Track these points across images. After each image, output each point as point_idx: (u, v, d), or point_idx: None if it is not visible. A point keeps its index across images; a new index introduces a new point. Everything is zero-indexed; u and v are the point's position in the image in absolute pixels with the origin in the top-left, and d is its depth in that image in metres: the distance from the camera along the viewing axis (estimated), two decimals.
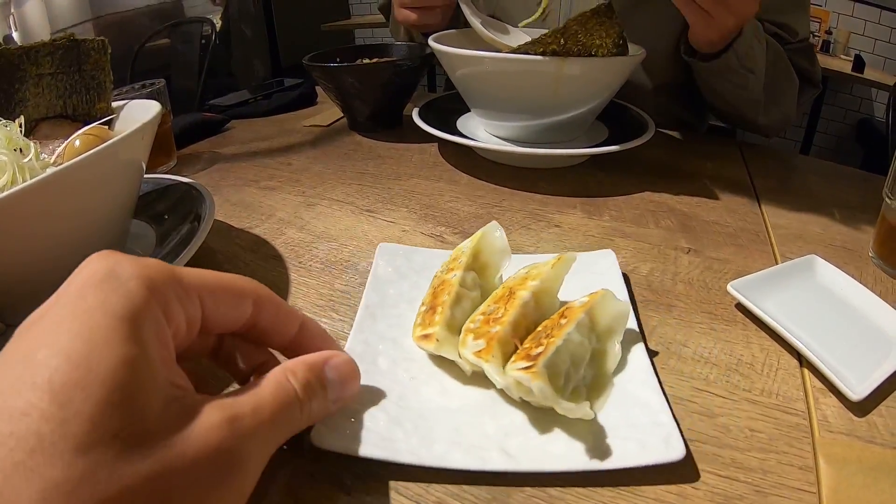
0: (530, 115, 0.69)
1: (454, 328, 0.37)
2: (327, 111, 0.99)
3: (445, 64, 0.71)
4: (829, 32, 3.22)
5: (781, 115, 0.88)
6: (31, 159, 0.46)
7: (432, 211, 0.61)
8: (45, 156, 0.51)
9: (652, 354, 0.39)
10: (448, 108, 0.80)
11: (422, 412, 0.33)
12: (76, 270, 0.24)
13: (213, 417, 0.23)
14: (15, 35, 2.57)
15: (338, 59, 0.90)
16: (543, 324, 0.36)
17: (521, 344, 0.34)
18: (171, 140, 0.80)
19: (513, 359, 0.33)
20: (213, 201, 0.54)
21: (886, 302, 0.44)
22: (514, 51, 0.61)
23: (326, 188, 0.68)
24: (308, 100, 1.09)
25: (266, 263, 0.53)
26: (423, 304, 0.40)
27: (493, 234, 0.42)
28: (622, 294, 0.42)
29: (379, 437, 0.31)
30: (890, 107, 1.24)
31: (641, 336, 0.39)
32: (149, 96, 0.74)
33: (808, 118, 3.11)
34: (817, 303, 0.46)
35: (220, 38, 3.61)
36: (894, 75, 3.14)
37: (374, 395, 0.34)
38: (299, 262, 0.52)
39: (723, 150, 0.82)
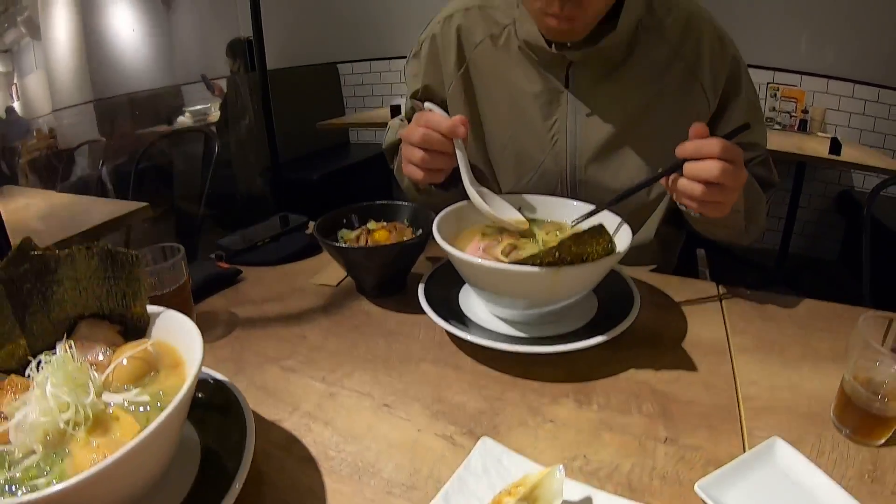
0: (528, 306, 0.76)
1: None
2: (333, 267, 1.05)
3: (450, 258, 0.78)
4: (805, 111, 3.35)
5: (758, 230, 1.01)
6: (91, 398, 0.53)
7: (442, 406, 0.68)
8: (96, 374, 0.57)
9: None
10: (450, 280, 0.87)
11: None
12: None
13: None
14: (16, 105, 2.63)
15: (344, 221, 0.98)
16: None
17: None
18: (190, 303, 0.86)
19: None
20: (252, 419, 0.59)
21: (840, 484, 0.53)
22: (514, 262, 0.69)
23: (344, 373, 0.75)
24: (314, 248, 1.15)
25: (300, 466, 0.60)
26: None
27: (555, 475, 0.50)
28: None
29: None
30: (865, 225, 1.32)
31: None
32: (173, 267, 0.81)
33: (790, 195, 3.21)
34: (777, 491, 0.54)
35: (217, 127, 3.72)
36: (871, 147, 3.27)
37: None
38: (330, 466, 0.59)
39: (704, 306, 0.90)
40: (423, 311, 0.81)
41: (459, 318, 0.81)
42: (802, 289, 3.10)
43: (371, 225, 0.98)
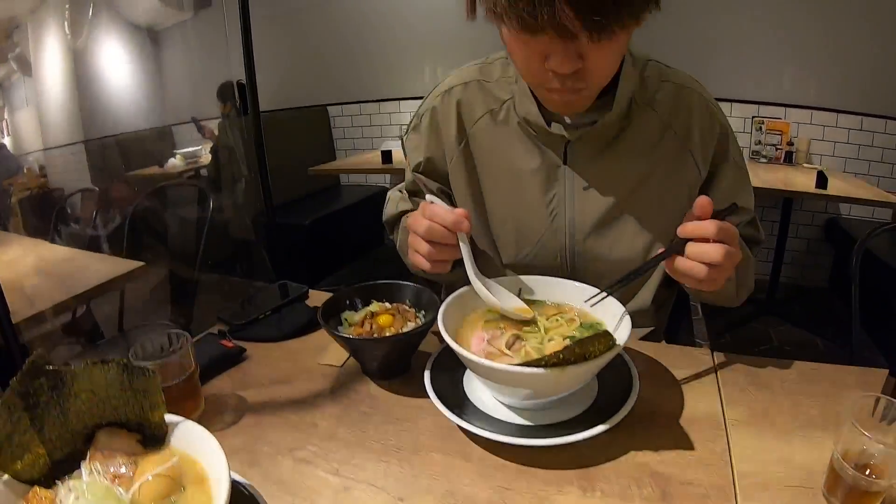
0: (532, 397, 0.80)
1: None
2: (337, 347, 1.06)
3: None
4: (790, 143, 3.40)
5: (747, 292, 1.05)
6: None
7: (454, 500, 0.71)
8: (122, 490, 0.59)
9: None
10: (454, 362, 0.89)
11: None
12: None
13: None
14: (6, 140, 2.64)
15: (347, 302, 1.01)
16: None
17: None
18: (199, 391, 0.89)
19: None
20: None
21: None
22: (520, 364, 0.72)
23: (357, 465, 0.78)
24: (316, 323, 1.13)
25: None
26: None
27: None
28: None
29: None
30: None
31: None
32: (180, 358, 0.84)
33: (778, 226, 3.27)
34: None
35: (209, 171, 3.74)
36: (857, 174, 3.33)
37: None
38: None
39: (700, 377, 0.93)
40: (428, 395, 0.84)
41: (465, 406, 0.84)
42: (794, 319, 3.17)
43: (374, 307, 1.00)
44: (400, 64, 4.28)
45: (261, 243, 3.05)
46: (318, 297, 1.27)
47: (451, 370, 0.90)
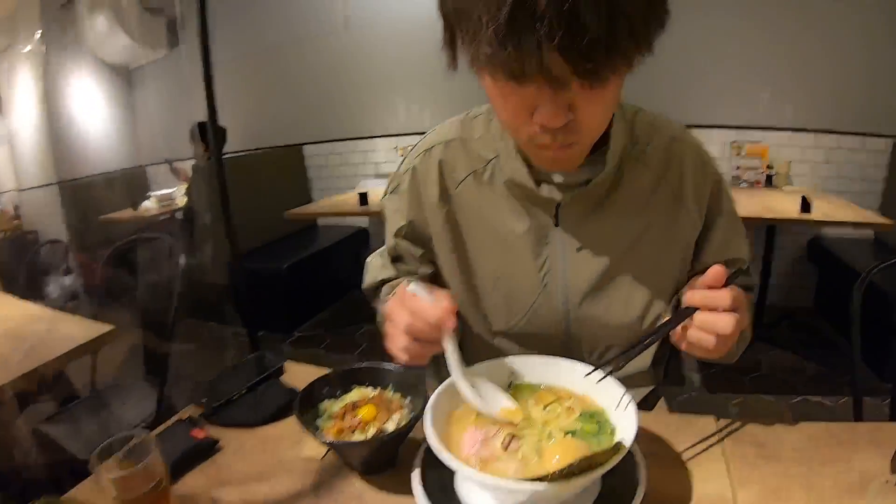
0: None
1: None
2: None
3: None
4: (770, 166, 3.41)
5: (745, 344, 0.98)
6: None
7: None
8: None
9: None
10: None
11: None
12: None
13: None
14: None
15: (326, 390, 0.94)
16: None
17: None
18: (167, 494, 0.80)
19: None
20: None
21: None
22: (524, 479, 0.65)
23: None
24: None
25: None
26: None
27: None
28: None
29: None
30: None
31: None
32: (145, 468, 0.75)
33: (762, 248, 3.26)
34: None
35: (184, 213, 3.67)
36: (837, 193, 3.33)
37: None
38: None
39: (706, 451, 0.87)
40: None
41: None
42: (782, 344, 3.14)
43: (355, 394, 0.94)
44: (375, 102, 4.28)
45: (232, 290, 2.98)
46: (294, 372, 1.20)
47: (441, 465, 0.82)
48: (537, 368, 0.89)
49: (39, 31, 2.69)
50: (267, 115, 4.48)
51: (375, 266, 1.17)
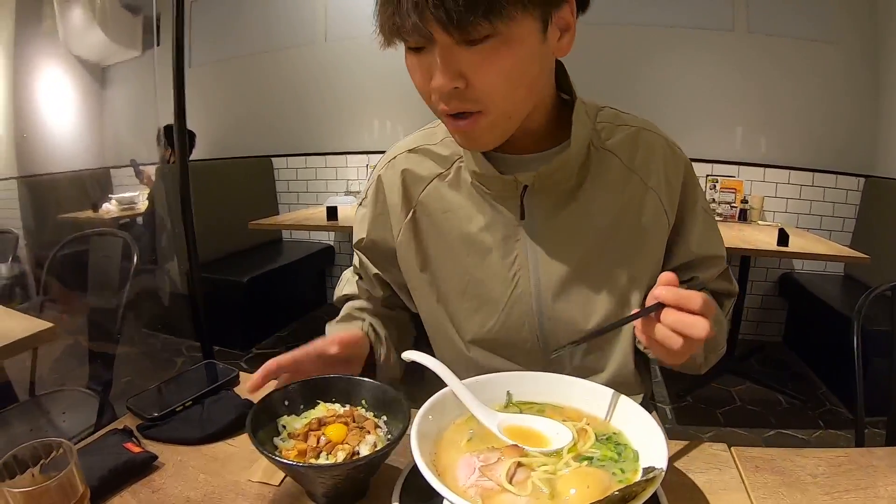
0: None
1: None
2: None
3: None
4: (744, 201, 3.42)
5: (717, 356, 0.99)
6: None
7: None
8: None
9: None
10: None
11: None
12: None
13: None
14: None
15: (286, 404, 0.81)
16: None
17: None
18: None
19: None
20: None
21: None
22: None
23: None
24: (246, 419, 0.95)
25: None
26: None
27: None
28: None
29: None
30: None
31: None
32: (61, 480, 0.61)
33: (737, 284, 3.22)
34: None
35: (144, 219, 3.52)
36: (809, 230, 3.37)
37: None
38: None
39: (725, 483, 0.78)
40: None
41: None
42: (753, 377, 3.13)
43: (321, 410, 0.81)
44: (349, 118, 4.18)
45: (187, 300, 2.85)
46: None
47: (426, 497, 0.68)
48: (538, 385, 0.78)
49: (12, 20, 2.56)
50: (238, 123, 4.35)
51: (345, 279, 1.17)
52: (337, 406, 0.82)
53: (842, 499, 0.73)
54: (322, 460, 0.71)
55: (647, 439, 0.65)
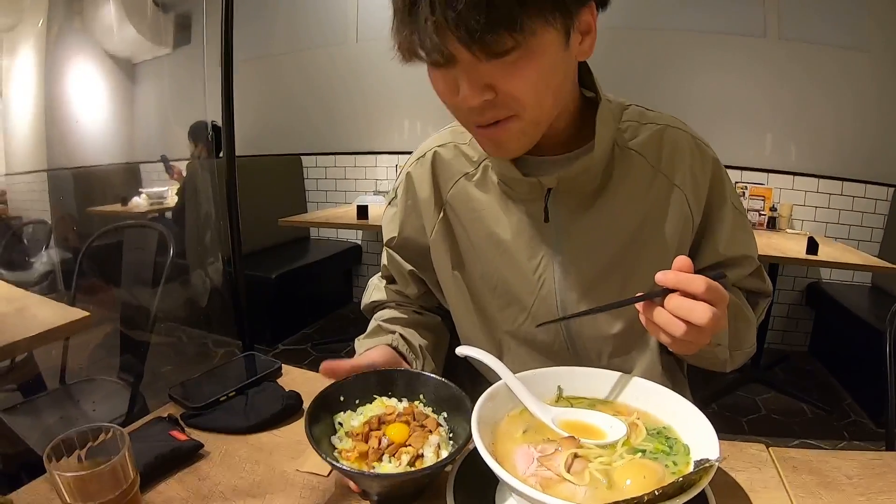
0: None
1: None
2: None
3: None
4: (773, 209, 3.39)
5: (744, 356, 0.97)
6: None
7: None
8: None
9: None
10: (482, 480, 0.70)
11: None
12: None
13: None
14: None
15: (341, 399, 0.80)
16: None
17: None
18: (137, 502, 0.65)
19: None
20: None
21: None
22: None
23: None
24: (292, 409, 0.97)
25: None
26: None
27: None
28: None
29: None
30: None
31: None
32: (113, 467, 0.60)
33: None
34: None
35: (174, 214, 3.57)
36: (837, 239, 3.35)
37: None
38: None
39: (765, 483, 0.79)
40: None
41: None
42: (778, 386, 3.11)
43: (378, 406, 0.79)
44: (379, 118, 4.20)
45: (225, 296, 2.87)
46: (291, 376, 1.11)
47: (479, 492, 0.71)
48: (588, 380, 0.81)
49: (45, 15, 2.61)
50: (269, 122, 4.38)
51: (371, 286, 1.18)
52: (394, 401, 0.81)
53: (877, 499, 0.74)
54: (385, 463, 0.70)
55: (696, 433, 0.67)
